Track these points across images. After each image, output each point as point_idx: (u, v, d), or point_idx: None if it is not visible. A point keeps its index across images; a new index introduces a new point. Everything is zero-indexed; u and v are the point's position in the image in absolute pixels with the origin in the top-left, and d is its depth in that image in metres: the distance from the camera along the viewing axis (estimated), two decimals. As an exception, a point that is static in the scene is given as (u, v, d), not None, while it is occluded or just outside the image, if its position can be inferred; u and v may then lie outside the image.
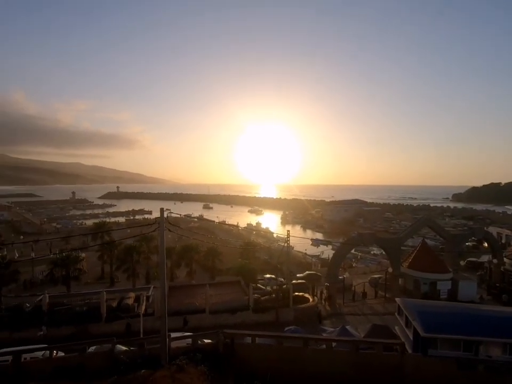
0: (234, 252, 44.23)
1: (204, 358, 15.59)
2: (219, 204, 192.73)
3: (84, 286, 35.06)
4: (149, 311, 24.70)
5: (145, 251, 36.10)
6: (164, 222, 15.37)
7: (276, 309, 25.49)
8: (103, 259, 39.75)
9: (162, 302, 16.22)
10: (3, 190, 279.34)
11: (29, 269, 38.10)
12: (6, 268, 29.29)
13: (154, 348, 16.70)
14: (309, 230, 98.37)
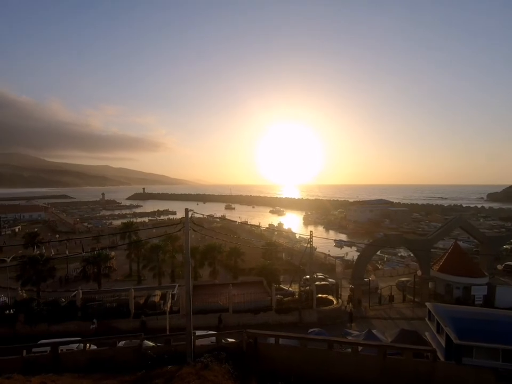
0: (256, 252, 44.37)
1: (227, 356, 15.77)
2: (241, 204, 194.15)
3: (113, 283, 36.67)
4: (174, 308, 25.39)
5: (170, 250, 37.13)
6: (189, 222, 15.76)
7: (299, 310, 25.25)
8: (130, 257, 41.40)
9: (188, 300, 16.62)
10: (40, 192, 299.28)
11: (63, 266, 40.49)
12: (44, 265, 31.27)
13: (180, 345, 17.14)
14: (331, 231, 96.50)
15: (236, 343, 17.42)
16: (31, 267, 30.53)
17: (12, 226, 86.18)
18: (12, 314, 24.03)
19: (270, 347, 16.48)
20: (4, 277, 36.16)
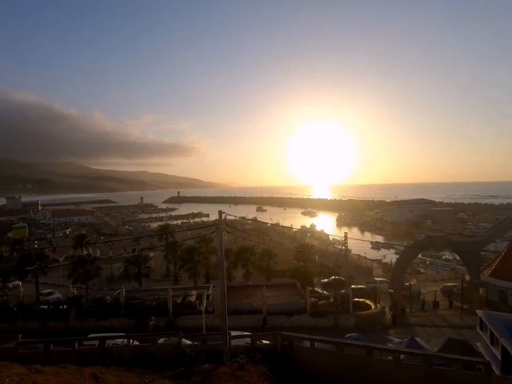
0: (288, 254, 43.98)
1: (262, 358, 15.77)
2: (272, 206, 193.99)
3: (152, 282, 38.56)
4: (209, 309, 26.01)
5: (204, 252, 38.18)
6: (222, 224, 16.09)
7: (335, 314, 24.54)
8: (168, 258, 43.27)
9: (222, 301, 16.93)
10: (86, 197, 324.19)
11: (108, 266, 43.41)
12: (91, 264, 33.82)
13: (216, 344, 17.49)
14: (367, 233, 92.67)
15: (270, 344, 17.36)
16: (80, 266, 33.18)
17: (63, 229, 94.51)
18: (65, 309, 26.25)
19: (305, 350, 16.19)
20: (58, 275, 39.69)
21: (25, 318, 24.97)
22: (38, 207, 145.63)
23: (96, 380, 9.62)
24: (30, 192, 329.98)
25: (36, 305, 27.34)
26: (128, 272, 35.35)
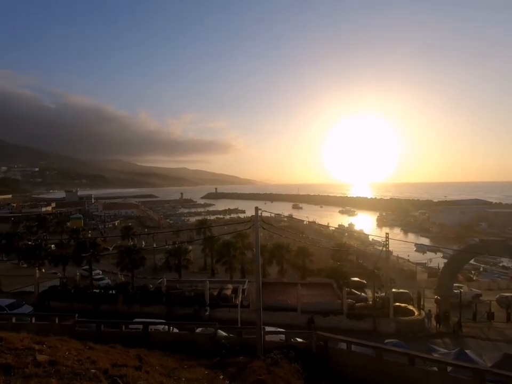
0: (325, 253, 43.02)
1: (297, 356, 15.69)
2: (308, 204, 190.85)
3: (191, 274, 40.29)
4: (244, 303, 26.49)
5: (240, 247, 38.90)
6: (258, 220, 16.22)
7: (374, 318, 23.50)
8: (205, 252, 44.86)
9: (258, 296, 17.11)
10: (132, 192, 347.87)
11: (151, 256, 46.29)
12: (136, 254, 36.39)
13: (251, 338, 17.78)
14: (411, 234, 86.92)
15: (305, 343, 17.19)
16: (127, 256, 35.85)
17: (112, 221, 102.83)
18: (114, 294, 28.55)
19: (341, 352, 15.75)
20: (108, 263, 43.31)
21: (81, 299, 27.67)
22: (91, 200, 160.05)
23: (141, 361, 10.33)
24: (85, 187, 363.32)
25: (89, 289, 30.20)
26: (169, 263, 37.38)
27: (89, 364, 7.50)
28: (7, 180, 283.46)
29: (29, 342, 8.10)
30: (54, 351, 7.99)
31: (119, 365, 8.26)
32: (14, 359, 6.58)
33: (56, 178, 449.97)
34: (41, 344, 8.30)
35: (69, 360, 7.40)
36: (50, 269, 39.80)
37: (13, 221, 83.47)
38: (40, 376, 5.88)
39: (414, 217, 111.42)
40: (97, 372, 6.76)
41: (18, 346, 7.52)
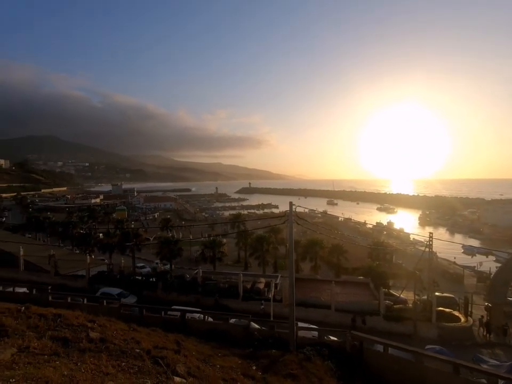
0: (361, 251, 41.48)
1: (330, 354, 15.45)
2: (344, 200, 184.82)
3: (224, 266, 41.36)
4: (277, 297, 26.62)
5: (273, 242, 39.00)
6: (293, 216, 16.11)
7: (414, 321, 22.23)
8: (239, 245, 45.69)
9: (291, 291, 17.09)
10: (169, 186, 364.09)
11: (187, 248, 48.29)
12: (174, 245, 38.22)
13: (283, 333, 17.86)
14: (458, 235, 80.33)
15: (338, 342, 16.86)
16: (165, 246, 37.79)
17: (153, 213, 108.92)
18: (154, 282, 30.36)
19: (377, 355, 15.20)
20: (148, 252, 46.08)
21: (125, 284, 29.84)
22: (134, 193, 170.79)
23: (179, 345, 10.90)
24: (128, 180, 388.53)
25: (132, 276, 32.43)
26: (204, 255, 38.73)
27: (133, 344, 8.09)
28: (62, 174, 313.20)
29: (82, 320, 8.96)
30: (104, 329, 8.74)
31: (160, 347, 8.80)
32: (71, 333, 7.32)
33: (103, 173, 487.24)
34: (93, 322, 9.13)
35: (116, 338, 8.06)
36: (98, 255, 43.41)
37: (67, 211, 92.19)
38: (92, 351, 6.48)
39: (462, 216, 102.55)
40: (141, 352, 7.28)
41: (74, 323, 8.35)
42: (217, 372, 8.76)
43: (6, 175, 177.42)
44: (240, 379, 8.66)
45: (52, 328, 7.68)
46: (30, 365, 4.69)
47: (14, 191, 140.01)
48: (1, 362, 4.62)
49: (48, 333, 7.09)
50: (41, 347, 6.03)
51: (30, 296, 21.21)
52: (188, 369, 7.31)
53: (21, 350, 5.55)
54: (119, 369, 5.78)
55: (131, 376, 5.47)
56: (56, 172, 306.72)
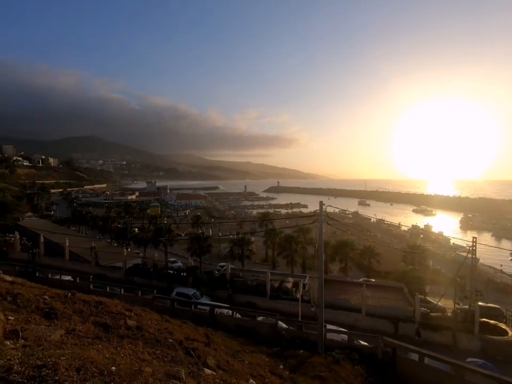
0: (394, 254, 39.64)
1: (360, 359, 14.98)
2: (376, 200, 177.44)
3: (252, 264, 41.69)
4: (305, 297, 26.28)
5: (302, 241, 38.56)
6: (323, 215, 15.80)
7: (454, 332, 20.80)
8: (267, 244, 45.75)
9: (320, 292, 16.80)
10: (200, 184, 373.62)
11: (216, 245, 49.37)
12: (204, 241, 39.27)
13: (311, 334, 17.62)
14: (505, 241, 73.63)
15: (369, 347, 16.28)
16: (196, 242, 38.96)
17: (184, 210, 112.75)
18: (185, 276, 31.43)
19: (412, 363, 14.46)
20: (180, 248, 47.76)
21: (158, 278, 31.25)
22: (167, 190, 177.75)
23: (208, 339, 11.19)
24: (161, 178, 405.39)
25: (164, 269, 33.85)
26: (233, 252, 39.34)
27: (166, 334, 8.45)
28: (102, 172, 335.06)
29: (121, 308, 9.53)
30: (140, 319, 9.23)
31: (191, 339, 9.10)
32: (111, 320, 7.82)
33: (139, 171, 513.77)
34: (130, 311, 9.68)
35: (151, 328, 8.47)
36: (134, 249, 45.84)
37: (106, 206, 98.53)
38: (130, 338, 6.87)
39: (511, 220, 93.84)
40: (174, 342, 7.58)
41: (114, 311, 8.91)
42: (245, 368, 8.86)
43: (55, 172, 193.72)
44: (268, 376, 8.69)
45: (94, 314, 8.27)
46: (76, 346, 5.08)
47: (61, 187, 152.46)
48: (52, 341, 5.06)
49: (91, 318, 7.64)
50: (85, 330, 6.51)
51: (74, 284, 23.03)
52: (217, 362, 7.48)
53: (68, 331, 6.03)
54: (154, 356, 6.07)
55: (165, 364, 5.72)
56: (97, 170, 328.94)
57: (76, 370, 3.50)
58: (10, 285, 9.95)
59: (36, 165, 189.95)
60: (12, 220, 59.20)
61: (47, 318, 6.90)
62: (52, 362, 3.52)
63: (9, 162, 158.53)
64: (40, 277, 24.60)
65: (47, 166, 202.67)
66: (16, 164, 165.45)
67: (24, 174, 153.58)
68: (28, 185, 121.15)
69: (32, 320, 6.33)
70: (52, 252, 37.69)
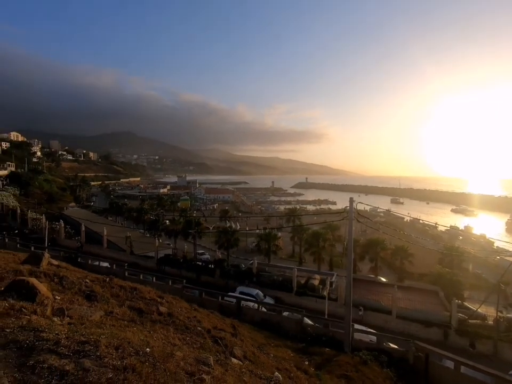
0: (430, 256, 37.59)
1: (389, 362, 14.47)
2: (411, 199, 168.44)
3: (278, 260, 41.68)
4: (332, 296, 25.81)
5: (330, 239, 37.80)
6: (353, 212, 15.32)
7: (495, 341, 19.33)
8: (294, 240, 45.48)
9: (348, 291, 16.41)
10: (228, 178, 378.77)
11: (243, 239, 49.92)
12: (231, 235, 39.91)
13: (337, 332, 17.31)
14: (560, 246, 66.49)
15: (400, 351, 15.67)
16: (223, 235, 39.71)
17: (212, 204, 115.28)
18: (212, 268, 32.25)
19: (446, 371, 13.68)
20: (208, 240, 49.01)
21: (187, 268, 32.38)
22: (196, 185, 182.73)
23: (234, 329, 11.42)
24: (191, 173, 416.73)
25: (193, 261, 34.97)
26: (259, 247, 39.59)
27: (195, 322, 8.75)
28: (137, 166, 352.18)
29: (153, 295, 10.02)
30: (170, 306, 9.65)
31: (218, 329, 9.35)
32: (144, 305, 8.26)
33: (170, 165, 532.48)
34: (162, 298, 10.14)
35: (181, 315, 8.82)
36: (165, 240, 47.85)
37: (140, 198, 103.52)
38: (162, 323, 7.21)
39: None
40: (202, 330, 7.83)
41: (147, 297, 9.39)
42: (271, 360, 8.93)
43: (94, 166, 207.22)
44: (293, 371, 8.69)
45: (129, 298, 8.78)
46: (114, 327, 5.43)
47: (100, 179, 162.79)
48: (93, 321, 5.46)
49: (126, 302, 8.12)
50: (122, 313, 6.93)
51: (111, 270, 24.57)
52: (244, 353, 7.61)
53: (106, 313, 6.47)
54: (184, 342, 6.31)
55: (194, 350, 5.93)
56: (132, 164, 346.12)
57: (115, 348, 3.75)
58: (57, 268, 10.85)
59: (78, 159, 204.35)
60: (57, 209, 64.39)
61: (88, 299, 7.45)
62: (93, 340, 3.80)
63: (55, 156, 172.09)
64: (81, 263, 26.55)
65: (87, 160, 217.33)
66: (61, 157, 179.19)
67: (68, 167, 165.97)
68: (71, 178, 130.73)
69: (75, 300, 6.87)
70: (91, 240, 40.52)
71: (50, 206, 67.79)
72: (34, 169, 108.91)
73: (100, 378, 2.97)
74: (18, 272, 7.79)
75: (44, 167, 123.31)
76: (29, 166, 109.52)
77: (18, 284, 5.79)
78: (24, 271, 8.08)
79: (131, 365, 3.38)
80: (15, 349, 3.28)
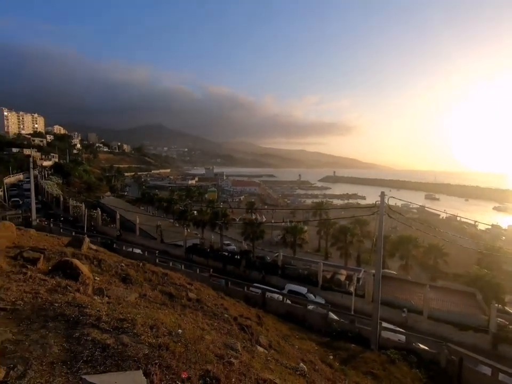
0: (467, 256, 35.36)
1: (419, 363, 13.97)
2: (448, 195, 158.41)
3: (304, 253, 41.34)
4: (358, 292, 25.24)
5: (358, 234, 36.79)
6: (384, 207, 14.75)
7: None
8: (320, 234, 44.85)
9: (377, 288, 15.97)
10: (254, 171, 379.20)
11: (269, 231, 50.07)
12: (257, 227, 40.18)
13: (363, 329, 16.97)
14: None
15: (431, 353, 15.06)
16: (249, 227, 40.10)
17: (239, 196, 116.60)
18: (238, 259, 32.82)
19: (482, 378, 12.94)
20: (234, 232, 49.80)
21: (214, 258, 33.25)
22: (223, 177, 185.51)
23: (259, 319, 11.60)
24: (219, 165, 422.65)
25: (220, 251, 35.81)
26: (285, 240, 39.54)
27: (222, 309, 9.01)
28: (167, 158, 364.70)
29: (183, 281, 10.44)
30: (199, 292, 10.00)
31: (244, 317, 9.54)
32: (175, 291, 8.64)
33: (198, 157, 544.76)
34: (190, 285, 10.54)
35: (208, 302, 9.12)
36: (193, 230, 49.34)
37: (170, 189, 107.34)
38: (191, 308, 7.51)
39: None
40: (229, 317, 8.05)
41: (177, 283, 9.81)
42: (295, 351, 8.99)
43: (128, 157, 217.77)
44: (318, 364, 8.69)
45: (161, 283, 9.22)
46: (148, 308, 5.75)
47: (133, 171, 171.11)
48: (129, 302, 5.81)
49: (158, 287, 8.55)
50: (154, 296, 7.31)
51: (143, 257, 25.87)
52: (269, 342, 7.72)
53: (140, 295, 6.86)
54: (212, 327, 6.53)
55: (222, 335, 6.12)
56: (162, 156, 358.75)
57: (150, 327, 3.99)
58: (95, 252, 11.65)
59: (113, 150, 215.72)
60: (94, 198, 68.76)
61: (123, 282, 7.94)
62: (130, 318, 4.06)
63: (93, 148, 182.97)
64: (116, 248, 28.24)
65: (122, 152, 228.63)
66: (98, 149, 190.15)
67: (104, 159, 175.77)
68: (107, 169, 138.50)
69: (113, 282, 7.35)
70: (124, 227, 42.87)
71: (88, 194, 72.56)
72: (74, 160, 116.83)
73: (138, 353, 3.18)
74: (63, 254, 8.47)
75: (83, 158, 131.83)
76: (70, 157, 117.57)
77: (63, 264, 6.31)
78: (68, 253, 8.77)
79: (165, 343, 3.58)
80: (63, 321, 3.61)
